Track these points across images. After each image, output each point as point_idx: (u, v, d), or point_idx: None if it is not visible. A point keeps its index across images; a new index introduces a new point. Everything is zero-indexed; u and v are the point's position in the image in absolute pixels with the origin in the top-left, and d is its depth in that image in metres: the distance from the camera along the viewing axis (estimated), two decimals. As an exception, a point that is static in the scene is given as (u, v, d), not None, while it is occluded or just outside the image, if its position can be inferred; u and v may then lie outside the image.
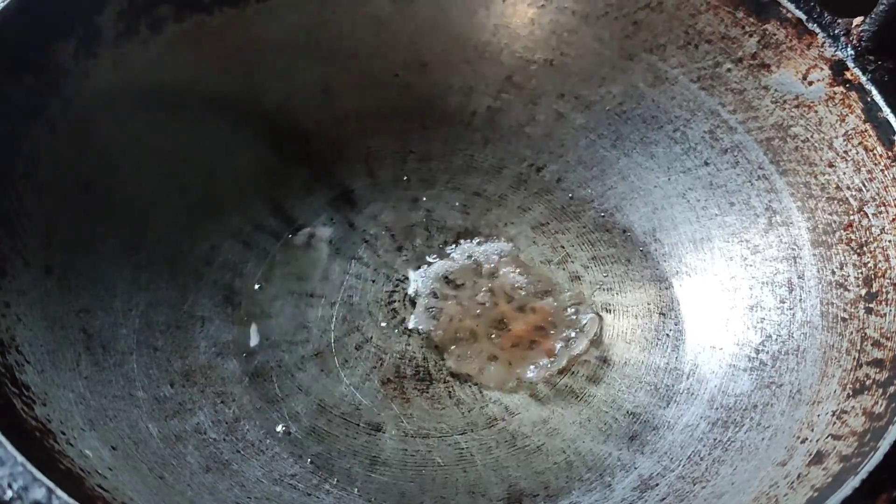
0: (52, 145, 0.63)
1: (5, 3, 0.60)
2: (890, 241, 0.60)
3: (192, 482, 0.57)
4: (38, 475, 0.43)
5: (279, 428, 0.63)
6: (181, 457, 0.58)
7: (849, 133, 0.64)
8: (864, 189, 0.62)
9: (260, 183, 0.74)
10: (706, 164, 0.71)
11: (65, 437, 0.51)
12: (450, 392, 0.65)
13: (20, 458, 0.43)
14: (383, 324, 0.69)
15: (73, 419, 0.54)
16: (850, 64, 0.64)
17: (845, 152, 0.64)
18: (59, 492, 0.42)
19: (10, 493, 0.42)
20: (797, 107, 0.67)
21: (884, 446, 0.49)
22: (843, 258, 0.63)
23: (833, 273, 0.63)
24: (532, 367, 0.66)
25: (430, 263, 0.71)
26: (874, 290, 0.60)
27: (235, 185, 0.73)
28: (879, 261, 0.60)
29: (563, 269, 0.72)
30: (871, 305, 0.59)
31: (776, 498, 0.52)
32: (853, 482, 0.48)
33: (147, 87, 0.69)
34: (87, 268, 0.63)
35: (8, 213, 0.59)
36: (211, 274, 0.69)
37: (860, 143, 0.63)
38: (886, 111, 0.62)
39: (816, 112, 0.66)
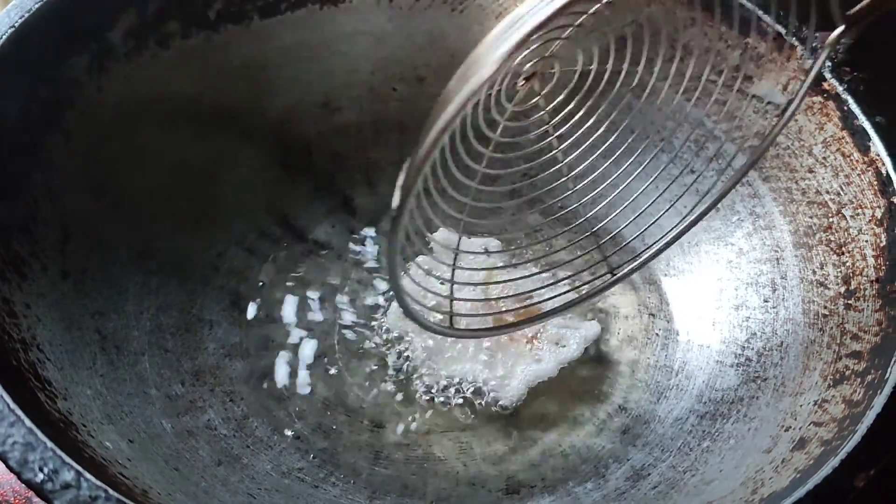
0: (66, 155, 0.65)
1: (22, 19, 0.62)
2: (867, 241, 0.62)
3: (205, 474, 0.59)
4: (67, 459, 0.45)
5: (286, 426, 0.65)
6: (194, 451, 0.60)
7: (827, 140, 0.66)
8: (842, 193, 0.65)
9: (263, 192, 0.76)
10: (692, 171, 0.74)
11: (86, 430, 0.53)
12: (448, 390, 0.68)
13: (49, 444, 0.45)
14: (384, 326, 0.71)
15: (92, 413, 0.56)
16: (828, 75, 0.66)
17: (824, 158, 0.66)
18: (87, 475, 0.45)
19: (41, 476, 0.44)
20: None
21: (861, 429, 0.51)
22: (823, 258, 0.65)
23: (814, 273, 0.65)
24: (527, 367, 0.68)
25: (426, 267, 0.73)
26: (852, 287, 0.62)
27: (240, 194, 0.75)
28: (857, 260, 0.63)
29: (557, 274, 0.74)
30: (849, 302, 0.62)
31: (762, 481, 0.55)
32: (833, 462, 0.50)
33: (156, 100, 0.71)
34: (100, 272, 0.65)
35: (26, 220, 0.61)
36: (217, 279, 0.71)
37: (838, 150, 0.65)
38: (862, 119, 0.64)
39: (796, 121, 0.68)
